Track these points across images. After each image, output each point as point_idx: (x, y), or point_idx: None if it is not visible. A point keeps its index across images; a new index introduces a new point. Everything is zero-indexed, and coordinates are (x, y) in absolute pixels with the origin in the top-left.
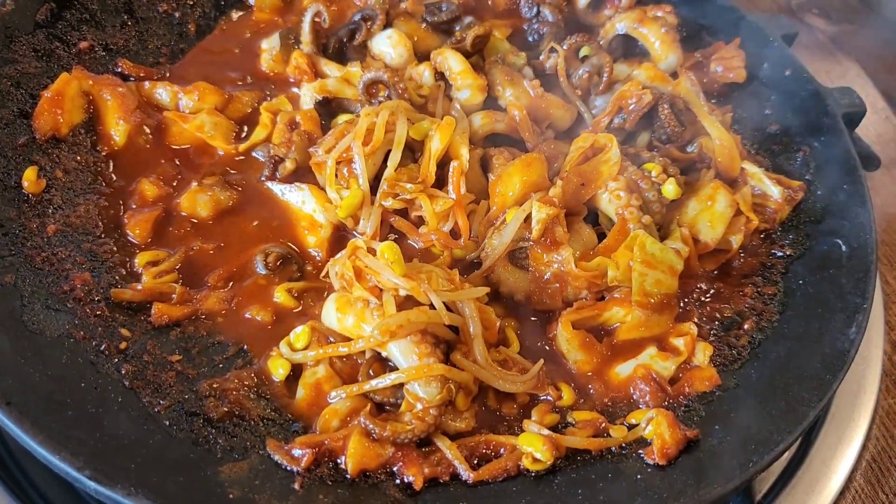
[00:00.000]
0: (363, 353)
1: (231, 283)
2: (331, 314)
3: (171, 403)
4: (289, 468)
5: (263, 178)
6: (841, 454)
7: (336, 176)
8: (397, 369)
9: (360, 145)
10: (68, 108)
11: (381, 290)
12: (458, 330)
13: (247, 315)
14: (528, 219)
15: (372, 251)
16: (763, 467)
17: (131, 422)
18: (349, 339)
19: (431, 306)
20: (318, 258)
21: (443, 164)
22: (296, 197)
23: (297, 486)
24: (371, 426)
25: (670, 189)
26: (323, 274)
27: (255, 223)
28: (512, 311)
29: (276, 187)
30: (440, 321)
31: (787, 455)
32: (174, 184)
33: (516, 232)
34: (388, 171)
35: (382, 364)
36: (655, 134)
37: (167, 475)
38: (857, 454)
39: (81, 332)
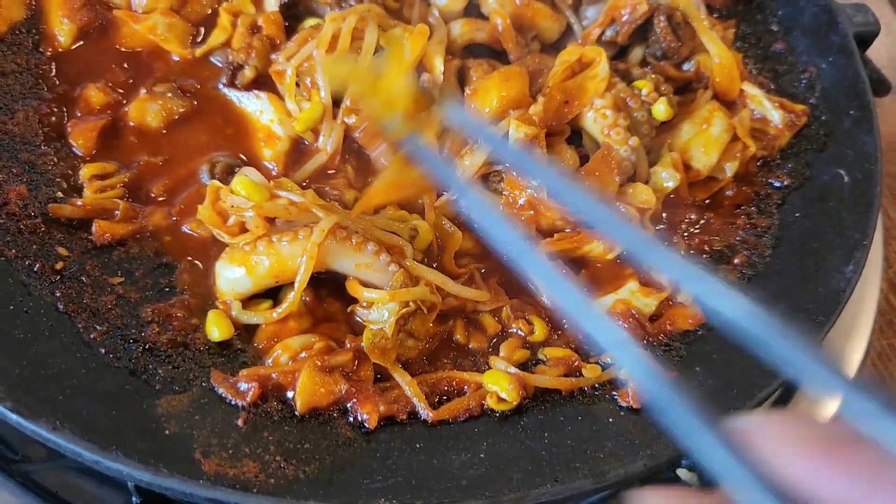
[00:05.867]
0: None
1: (175, 195)
2: (232, 275)
3: (108, 329)
4: (233, 402)
5: (221, 86)
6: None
7: (298, 86)
8: None
9: (323, 54)
10: (7, 3)
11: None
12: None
13: (184, 229)
14: None
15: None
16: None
17: (63, 349)
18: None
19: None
20: (273, 172)
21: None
22: (253, 105)
23: (240, 421)
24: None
25: (661, 109)
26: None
27: (208, 131)
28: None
29: (232, 94)
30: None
31: (771, 399)
32: (123, 91)
33: None
34: None
35: None
36: (650, 49)
37: (98, 408)
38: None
39: (13, 251)
